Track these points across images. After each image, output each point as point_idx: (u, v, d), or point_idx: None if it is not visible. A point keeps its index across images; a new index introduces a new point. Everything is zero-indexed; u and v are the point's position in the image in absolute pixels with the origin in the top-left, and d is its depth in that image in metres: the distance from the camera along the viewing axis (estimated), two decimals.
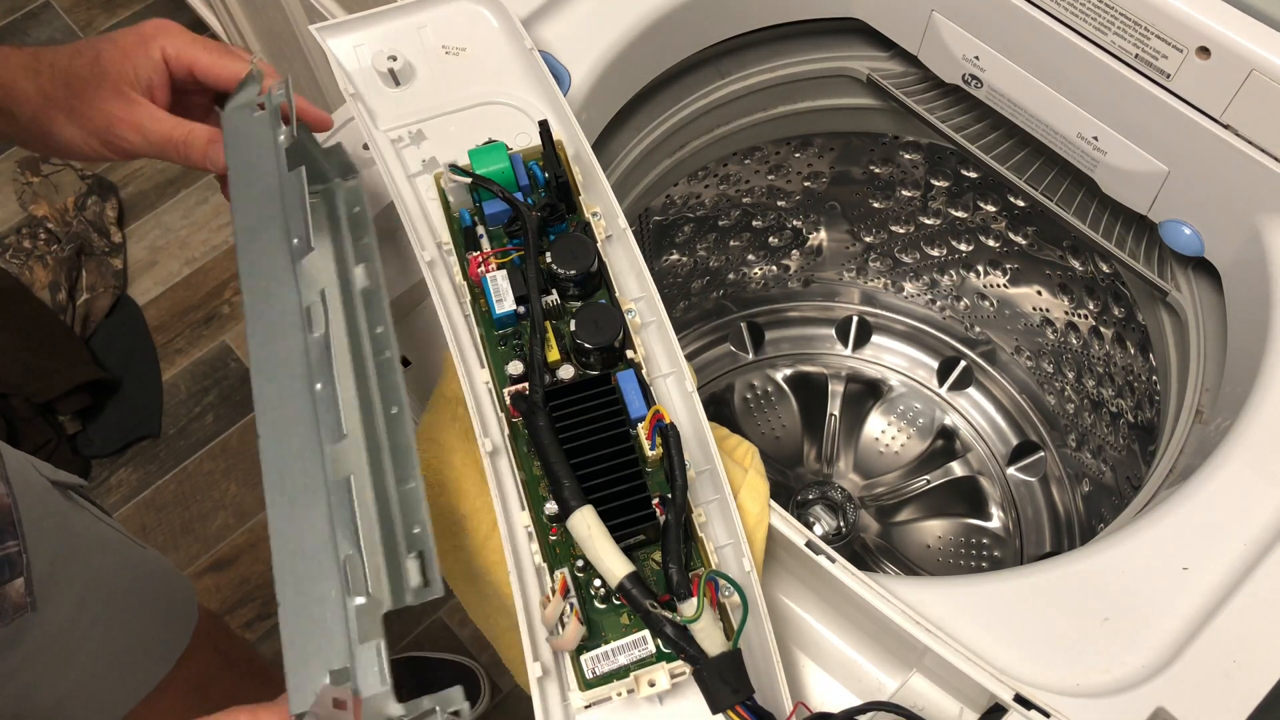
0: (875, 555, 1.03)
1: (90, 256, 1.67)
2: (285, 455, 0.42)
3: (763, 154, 0.97)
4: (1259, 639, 0.50)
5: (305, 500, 0.41)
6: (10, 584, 0.64)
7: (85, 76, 0.54)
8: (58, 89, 0.54)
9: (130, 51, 0.55)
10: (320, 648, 0.38)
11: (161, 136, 0.54)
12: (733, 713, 0.45)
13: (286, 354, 0.44)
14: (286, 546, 0.40)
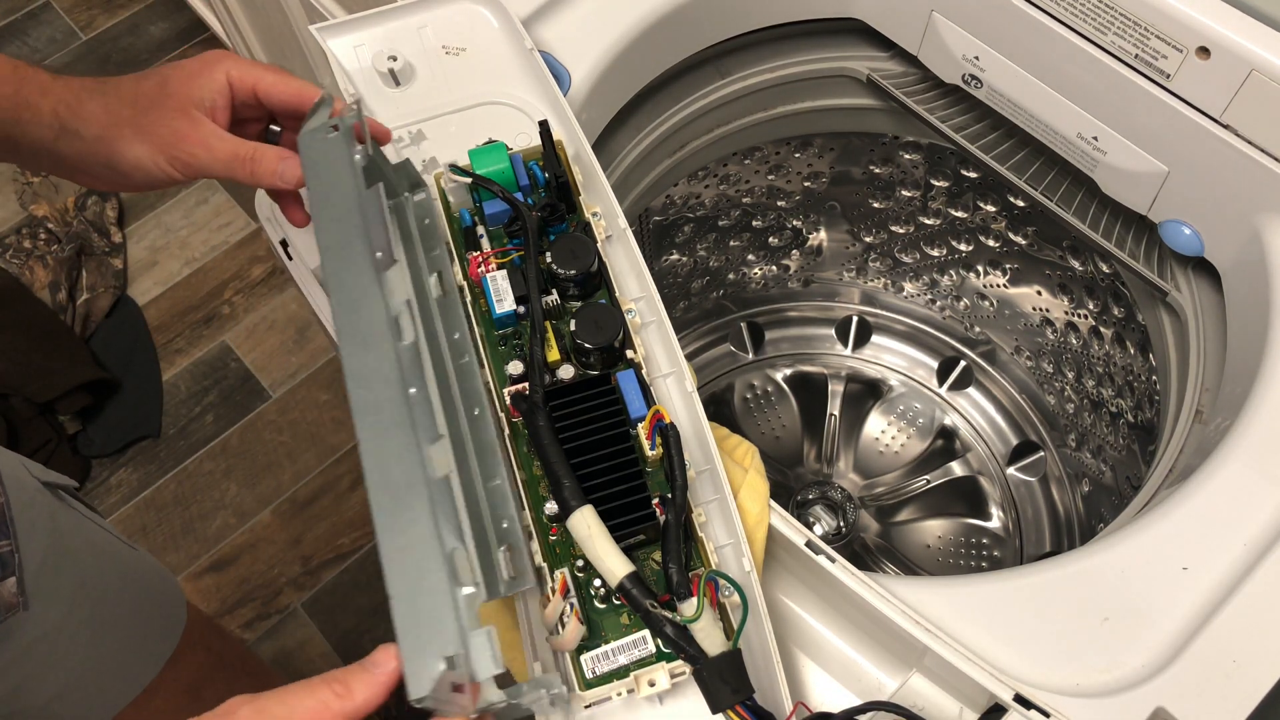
0: (875, 555, 1.03)
1: (90, 256, 1.67)
2: (386, 457, 0.44)
3: (763, 154, 0.97)
4: (1259, 639, 0.50)
5: (409, 498, 0.43)
6: (2, 583, 0.64)
7: (152, 97, 0.55)
8: (124, 108, 0.55)
9: (196, 74, 0.56)
10: (433, 636, 0.40)
11: (228, 153, 0.55)
12: (733, 713, 0.45)
13: (379, 362, 0.46)
14: (394, 542, 0.42)
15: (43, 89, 0.55)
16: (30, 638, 0.69)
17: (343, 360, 0.46)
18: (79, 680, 0.75)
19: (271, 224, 0.69)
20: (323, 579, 1.43)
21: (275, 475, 1.52)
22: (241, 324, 1.66)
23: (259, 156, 0.55)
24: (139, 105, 0.55)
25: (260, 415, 1.57)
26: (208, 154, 0.55)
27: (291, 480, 1.51)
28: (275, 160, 0.55)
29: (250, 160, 0.55)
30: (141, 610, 0.84)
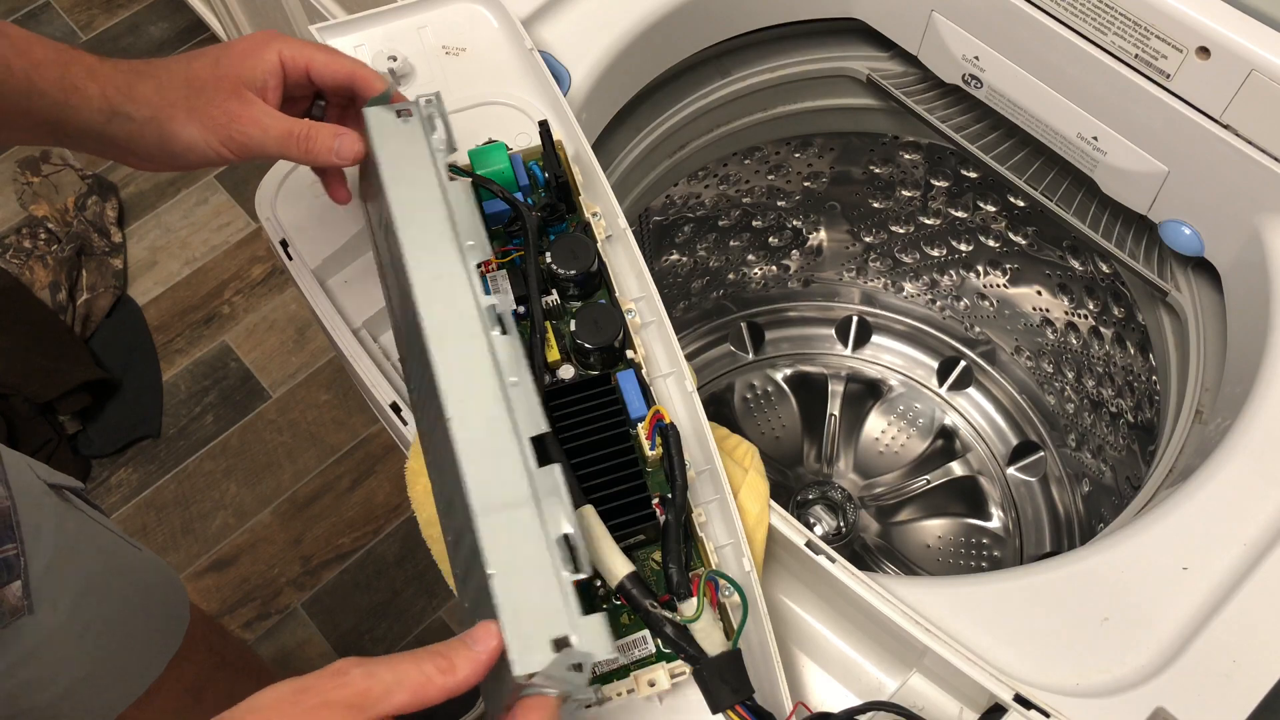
0: (875, 555, 1.03)
1: (90, 256, 1.67)
2: (484, 447, 0.44)
3: (763, 154, 0.97)
4: (1259, 639, 0.50)
5: (511, 497, 0.43)
6: (8, 587, 0.64)
7: (205, 78, 0.55)
8: (177, 90, 0.55)
9: (248, 54, 0.56)
10: (543, 617, 0.41)
11: (282, 131, 0.55)
12: (733, 713, 0.45)
13: (475, 353, 0.47)
14: (499, 534, 0.42)
15: (90, 72, 0.54)
16: (35, 640, 0.69)
17: (432, 352, 0.46)
18: (82, 681, 0.75)
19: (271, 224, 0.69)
20: (323, 579, 1.43)
21: (275, 475, 1.52)
22: (241, 324, 1.65)
23: (313, 134, 0.55)
24: (192, 86, 0.55)
25: (260, 415, 1.57)
26: (261, 133, 0.55)
27: (291, 480, 1.51)
28: (331, 137, 0.55)
29: (305, 138, 0.55)
30: (146, 611, 0.84)
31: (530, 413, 0.46)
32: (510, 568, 0.42)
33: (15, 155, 1.80)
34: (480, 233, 0.50)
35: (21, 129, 0.55)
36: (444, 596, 1.40)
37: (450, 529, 0.48)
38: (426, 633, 1.38)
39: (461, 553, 0.46)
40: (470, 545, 0.43)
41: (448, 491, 0.47)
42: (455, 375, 0.46)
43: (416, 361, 0.50)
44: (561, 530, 0.43)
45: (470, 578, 0.45)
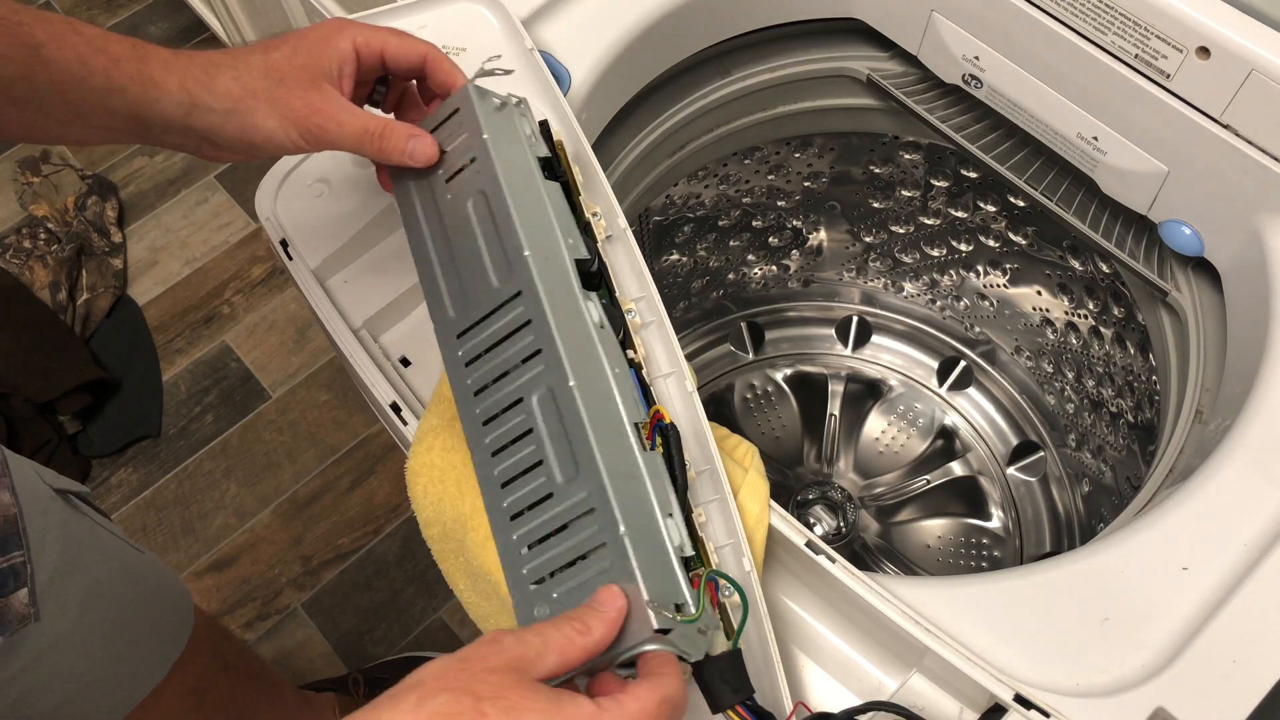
0: (875, 555, 1.03)
1: (90, 256, 1.67)
2: (603, 422, 0.48)
3: (763, 154, 0.97)
4: (1259, 639, 0.50)
5: (627, 467, 0.48)
6: (14, 594, 0.63)
7: (283, 69, 0.56)
8: (256, 81, 0.55)
9: (323, 43, 0.57)
10: (667, 585, 0.45)
11: (359, 129, 0.56)
12: (733, 712, 0.45)
13: (588, 341, 0.51)
14: (625, 500, 0.46)
15: (166, 65, 0.55)
16: (39, 647, 0.68)
17: (559, 342, 0.49)
18: (87, 687, 0.75)
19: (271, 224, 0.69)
20: (323, 579, 1.43)
21: (275, 475, 1.52)
22: (241, 324, 1.65)
23: (388, 134, 0.56)
24: (271, 77, 0.55)
25: (260, 415, 1.57)
26: (338, 128, 0.55)
27: (291, 480, 1.51)
28: (405, 139, 0.56)
29: (379, 137, 0.56)
30: (150, 615, 0.84)
31: (632, 401, 0.50)
32: (635, 534, 0.45)
33: (15, 155, 1.80)
34: (576, 233, 0.54)
35: (102, 127, 0.55)
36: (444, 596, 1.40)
37: (525, 492, 0.49)
38: (426, 633, 1.38)
39: (547, 514, 0.48)
40: (582, 505, 0.46)
41: (531, 454, 0.49)
42: (574, 353, 0.49)
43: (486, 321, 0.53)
44: (669, 508, 0.47)
45: (560, 542, 0.47)
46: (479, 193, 0.54)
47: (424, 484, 0.56)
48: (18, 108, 0.53)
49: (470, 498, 0.54)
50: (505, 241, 0.52)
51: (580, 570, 0.46)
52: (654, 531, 0.46)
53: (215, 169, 1.81)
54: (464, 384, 0.52)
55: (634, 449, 0.48)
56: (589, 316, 0.51)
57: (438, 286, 0.55)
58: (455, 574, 0.58)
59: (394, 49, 0.58)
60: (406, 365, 0.66)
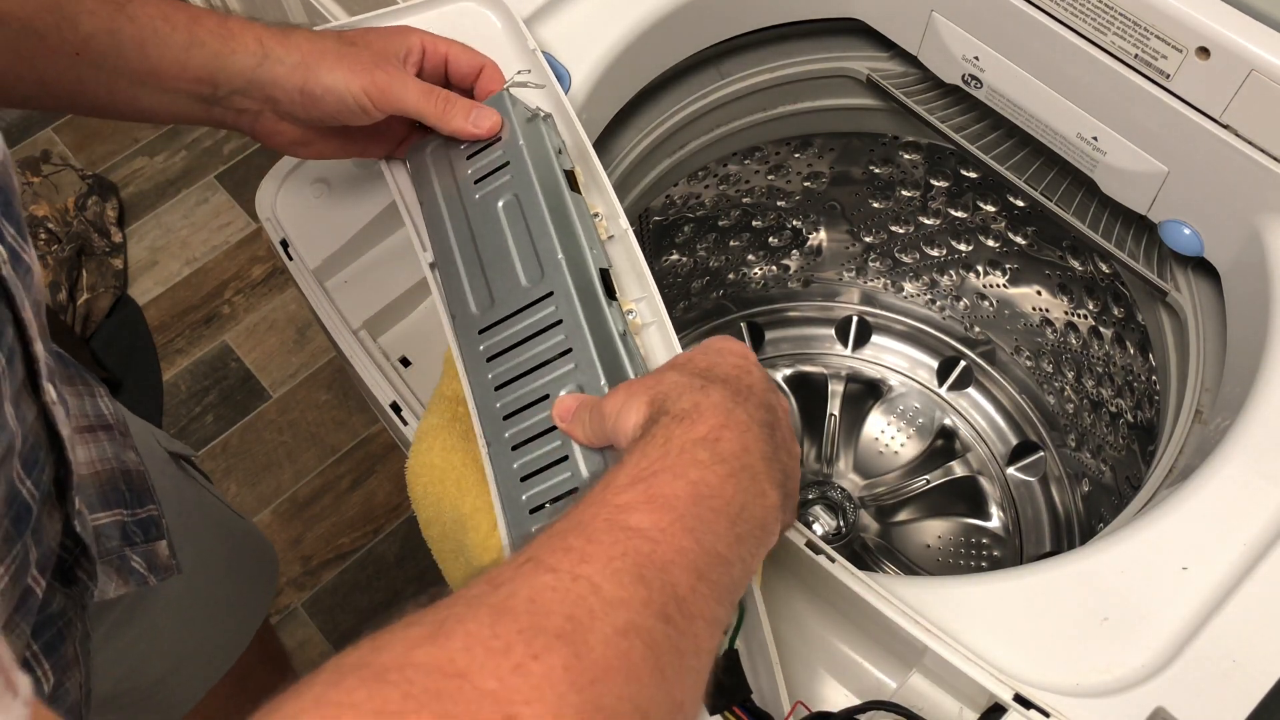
0: (875, 555, 1.03)
1: (90, 256, 1.67)
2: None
3: (763, 154, 0.97)
4: (1259, 639, 0.50)
5: None
6: (156, 543, 0.65)
7: (353, 38, 0.58)
8: (329, 40, 0.57)
9: (393, 35, 0.59)
10: None
11: (423, 88, 0.57)
12: (730, 713, 0.45)
13: (611, 346, 0.52)
14: None
15: (244, 23, 0.56)
16: (157, 609, 0.70)
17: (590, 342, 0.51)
18: (184, 658, 0.77)
19: (271, 224, 0.69)
20: (323, 579, 1.43)
21: (275, 475, 1.52)
22: (241, 324, 1.65)
23: (452, 99, 0.58)
24: (343, 39, 0.58)
25: (260, 415, 1.57)
26: (403, 87, 0.57)
27: (291, 480, 1.51)
28: (468, 108, 0.58)
29: (444, 100, 0.58)
30: (242, 584, 0.85)
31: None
32: None
33: (16, 155, 1.80)
34: (599, 243, 0.57)
35: (173, 90, 0.56)
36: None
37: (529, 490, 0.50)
38: None
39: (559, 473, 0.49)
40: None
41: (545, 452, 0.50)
42: (603, 354, 0.51)
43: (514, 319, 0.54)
44: None
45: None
46: (512, 196, 0.56)
47: (424, 484, 0.56)
48: (95, 67, 0.54)
49: (470, 498, 0.54)
50: (537, 244, 0.54)
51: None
52: None
53: (215, 169, 1.81)
54: (484, 379, 0.53)
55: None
56: (613, 323, 0.53)
57: (459, 281, 0.55)
58: (455, 574, 0.58)
59: (456, 54, 0.61)
60: (406, 365, 0.66)
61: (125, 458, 0.64)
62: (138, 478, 0.65)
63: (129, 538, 0.62)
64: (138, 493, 0.64)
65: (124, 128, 1.86)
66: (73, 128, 1.86)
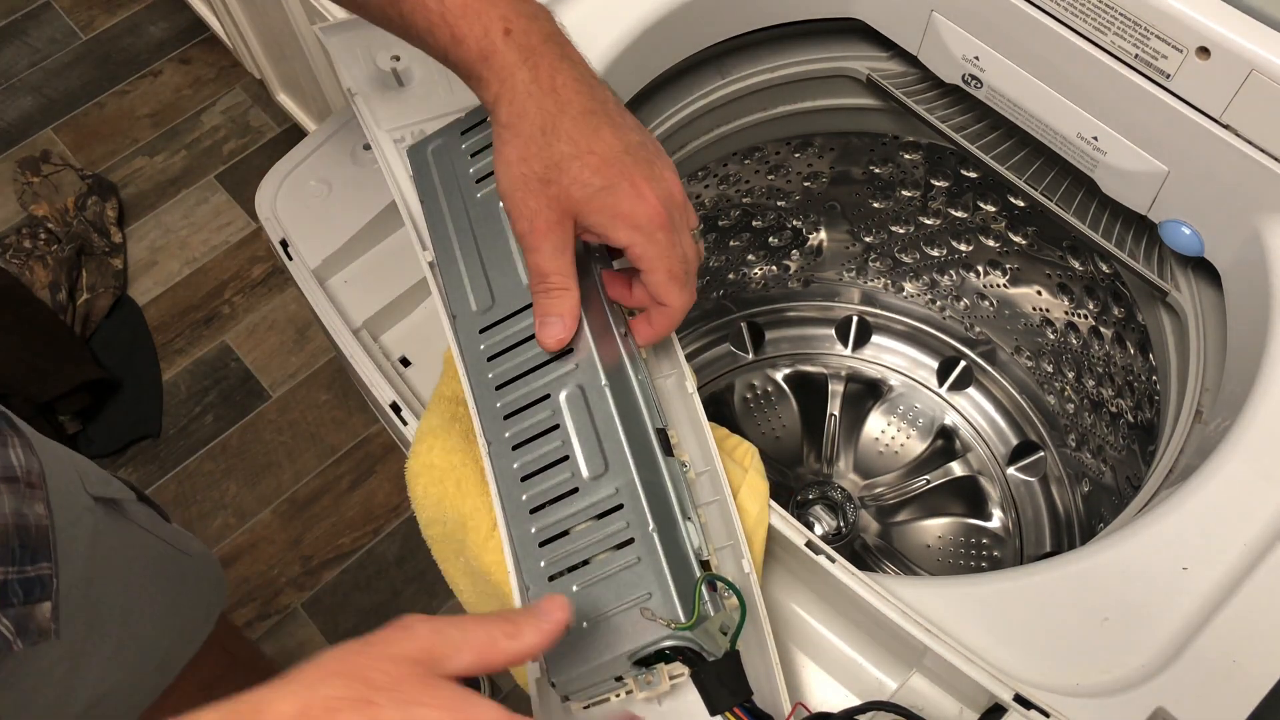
0: (875, 555, 1.03)
1: (90, 256, 1.67)
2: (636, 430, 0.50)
3: (763, 154, 0.97)
4: (1259, 639, 0.50)
5: (651, 470, 0.49)
6: (39, 605, 0.63)
7: (569, 183, 0.49)
8: (540, 161, 0.49)
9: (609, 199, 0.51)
10: (688, 583, 0.46)
11: (539, 244, 0.50)
12: (730, 715, 0.45)
13: (613, 345, 0.52)
14: (650, 501, 0.47)
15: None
16: (55, 659, 0.68)
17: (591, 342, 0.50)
18: (106, 696, 0.75)
19: (271, 224, 0.69)
20: (323, 579, 1.43)
21: (275, 475, 1.52)
22: (241, 324, 1.65)
23: (552, 297, 0.51)
24: (549, 172, 0.49)
25: (260, 415, 1.57)
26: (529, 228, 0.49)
27: (291, 480, 1.51)
28: (548, 319, 0.52)
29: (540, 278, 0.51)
30: (177, 619, 0.84)
31: (654, 405, 0.51)
32: (664, 531, 0.46)
33: (15, 155, 1.80)
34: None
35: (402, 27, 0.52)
36: (444, 596, 1.40)
37: (547, 487, 0.49)
38: None
39: (572, 509, 0.48)
40: (609, 501, 0.47)
41: (556, 449, 0.50)
42: (605, 354, 0.51)
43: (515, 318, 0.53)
44: (689, 513, 0.48)
45: (587, 534, 0.47)
46: None
47: (424, 484, 0.56)
48: None
49: (471, 498, 0.54)
50: None
51: (603, 565, 0.46)
52: (676, 532, 0.47)
53: (215, 169, 1.81)
54: (485, 378, 0.53)
55: (657, 452, 0.49)
56: (613, 321, 0.53)
57: (461, 280, 0.55)
58: (455, 574, 0.58)
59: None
60: (406, 365, 0.66)
61: (27, 512, 0.62)
62: (37, 533, 0.63)
63: (5, 598, 0.60)
64: (32, 549, 0.62)
65: (124, 128, 1.86)
66: (73, 128, 1.86)
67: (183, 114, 1.87)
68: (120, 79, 1.92)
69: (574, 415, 0.50)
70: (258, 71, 1.66)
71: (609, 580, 0.45)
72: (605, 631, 0.45)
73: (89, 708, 0.74)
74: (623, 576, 0.45)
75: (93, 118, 1.87)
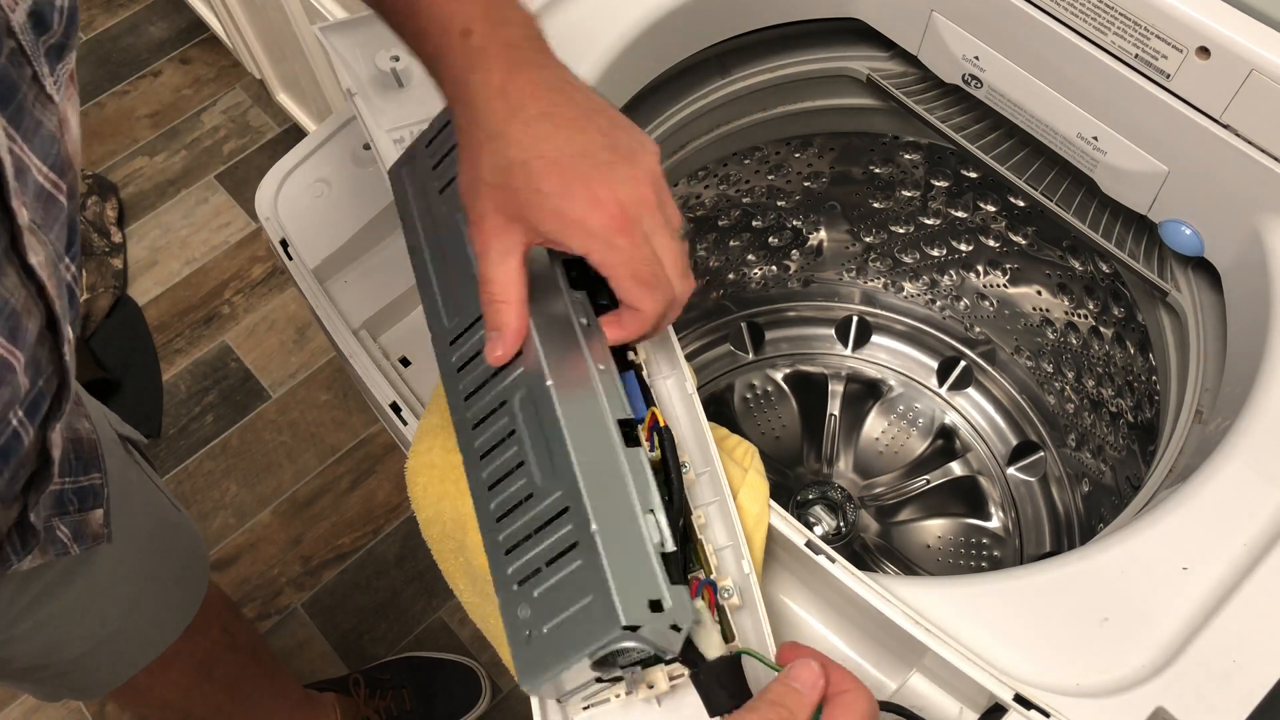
0: (875, 555, 1.03)
1: (90, 256, 1.67)
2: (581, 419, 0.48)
3: (763, 154, 0.97)
4: (1259, 639, 0.50)
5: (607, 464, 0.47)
6: (91, 512, 0.65)
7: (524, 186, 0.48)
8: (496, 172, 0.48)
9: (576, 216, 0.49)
10: (642, 581, 0.44)
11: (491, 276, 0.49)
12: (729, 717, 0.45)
13: (569, 336, 0.50)
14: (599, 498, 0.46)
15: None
16: (83, 585, 0.70)
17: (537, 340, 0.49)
18: (108, 637, 0.77)
19: (271, 224, 0.69)
20: (323, 579, 1.43)
21: (275, 475, 1.52)
22: (241, 324, 1.65)
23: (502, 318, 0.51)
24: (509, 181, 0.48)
25: (260, 415, 1.57)
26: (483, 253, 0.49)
27: (291, 480, 1.51)
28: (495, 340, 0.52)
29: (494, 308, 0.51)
30: (174, 574, 0.86)
31: (617, 397, 0.49)
32: (609, 531, 0.44)
33: None
34: None
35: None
36: (444, 596, 1.40)
37: (509, 494, 0.49)
38: (426, 633, 1.38)
39: (528, 515, 0.48)
40: (556, 505, 0.46)
41: (514, 455, 0.49)
42: (554, 349, 0.49)
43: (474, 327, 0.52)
44: (650, 505, 0.46)
45: (537, 541, 0.47)
46: None
47: (424, 484, 0.56)
48: None
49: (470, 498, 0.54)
50: None
51: (556, 569, 0.45)
52: (632, 528, 0.45)
53: (215, 169, 1.81)
54: (456, 389, 0.53)
55: (615, 445, 0.47)
56: (573, 314, 0.51)
57: (433, 292, 0.55)
58: (455, 574, 0.58)
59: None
60: (406, 365, 0.66)
61: (78, 425, 0.65)
62: (88, 445, 0.65)
63: (62, 506, 0.62)
64: (85, 460, 0.65)
65: (124, 128, 1.86)
66: None
67: (183, 114, 1.87)
68: (120, 79, 1.92)
69: (526, 419, 0.49)
70: (258, 71, 1.66)
71: (562, 584, 0.45)
72: (560, 637, 0.44)
73: (96, 647, 0.76)
74: (573, 579, 0.44)
75: (93, 118, 1.87)
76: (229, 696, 0.98)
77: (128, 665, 0.83)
